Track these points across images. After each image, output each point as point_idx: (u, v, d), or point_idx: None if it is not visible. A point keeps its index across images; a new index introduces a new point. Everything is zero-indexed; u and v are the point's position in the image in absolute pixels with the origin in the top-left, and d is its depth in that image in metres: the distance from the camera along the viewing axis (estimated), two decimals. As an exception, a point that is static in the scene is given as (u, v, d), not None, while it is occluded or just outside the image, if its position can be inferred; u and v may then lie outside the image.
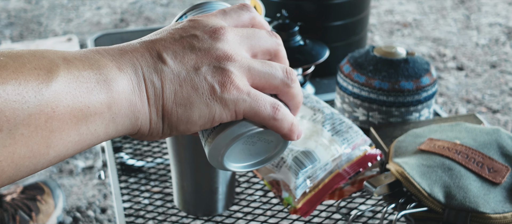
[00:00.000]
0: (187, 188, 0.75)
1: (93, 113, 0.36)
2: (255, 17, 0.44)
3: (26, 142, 0.33)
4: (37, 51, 0.35)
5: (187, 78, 0.38)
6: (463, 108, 1.99)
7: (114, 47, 0.39)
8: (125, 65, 0.38)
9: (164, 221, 0.77)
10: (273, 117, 0.40)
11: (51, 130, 0.34)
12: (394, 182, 0.71)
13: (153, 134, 0.40)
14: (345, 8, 1.10)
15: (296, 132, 0.42)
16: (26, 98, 0.33)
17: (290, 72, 0.41)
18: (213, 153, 0.41)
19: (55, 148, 0.35)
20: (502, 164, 0.71)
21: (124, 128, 0.38)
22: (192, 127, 0.39)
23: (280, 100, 0.42)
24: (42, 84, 0.33)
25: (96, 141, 0.37)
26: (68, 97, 0.34)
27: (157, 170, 0.90)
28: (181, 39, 0.40)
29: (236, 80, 0.39)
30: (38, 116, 0.33)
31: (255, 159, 0.44)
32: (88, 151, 1.75)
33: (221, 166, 0.43)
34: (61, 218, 1.46)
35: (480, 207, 0.66)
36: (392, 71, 0.86)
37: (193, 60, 0.39)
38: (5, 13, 2.86)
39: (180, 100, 0.38)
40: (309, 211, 0.73)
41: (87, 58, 0.37)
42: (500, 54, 2.36)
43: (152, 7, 2.94)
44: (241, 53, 0.40)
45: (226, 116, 0.39)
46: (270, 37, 0.43)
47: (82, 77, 0.35)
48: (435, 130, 0.80)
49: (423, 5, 2.88)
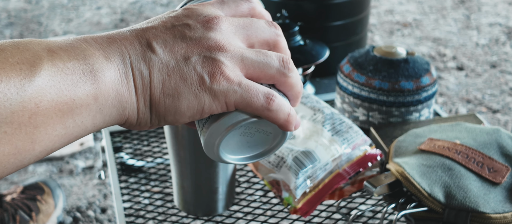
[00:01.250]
0: (187, 188, 0.74)
1: (79, 105, 0.35)
2: (254, 8, 0.43)
3: (10, 139, 0.32)
4: (21, 42, 0.34)
5: (176, 68, 0.37)
6: (463, 108, 1.99)
7: (102, 35, 0.38)
8: (113, 54, 0.37)
9: (164, 221, 0.77)
10: (267, 107, 0.38)
11: (35, 125, 0.33)
12: (394, 182, 0.71)
13: (142, 124, 0.39)
14: (345, 8, 1.10)
15: (293, 123, 0.40)
16: (8, 95, 0.32)
17: (286, 61, 0.40)
18: (208, 143, 0.41)
19: (41, 144, 0.34)
20: (502, 164, 0.71)
21: (112, 118, 0.37)
22: (180, 118, 0.39)
23: (279, 90, 0.41)
24: (24, 79, 0.32)
25: (83, 133, 0.37)
26: (52, 91, 0.33)
27: (157, 170, 0.90)
28: (172, 28, 0.39)
29: (226, 70, 0.38)
30: (21, 113, 0.32)
31: (254, 151, 0.43)
32: (88, 151, 1.75)
33: (217, 158, 0.42)
34: (61, 218, 1.46)
35: (480, 207, 0.66)
36: (392, 71, 0.86)
37: (183, 49, 0.38)
38: (5, 13, 2.86)
39: (168, 90, 0.38)
40: (309, 211, 0.73)
41: (73, 48, 0.36)
42: (500, 54, 2.36)
43: (152, 7, 2.94)
44: (235, 43, 0.39)
45: (216, 107, 0.38)
46: (268, 27, 0.41)
47: (67, 68, 0.34)
48: (435, 130, 0.80)
49: (423, 5, 2.88)
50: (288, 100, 0.41)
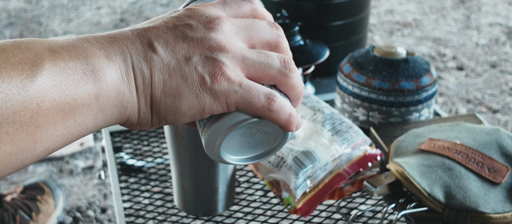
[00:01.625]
0: (187, 188, 0.75)
1: (81, 105, 0.35)
2: (256, 9, 0.43)
3: (12, 139, 0.32)
4: (22, 42, 0.34)
5: (177, 68, 0.37)
6: (463, 108, 1.99)
7: (104, 35, 0.38)
8: (114, 54, 0.37)
9: (164, 221, 0.77)
10: (268, 108, 0.39)
11: (37, 125, 0.33)
12: (394, 182, 0.71)
13: (142, 124, 0.39)
14: (345, 8, 1.10)
15: (294, 123, 0.40)
16: (10, 95, 0.32)
17: (288, 61, 0.40)
18: (209, 143, 0.41)
19: (43, 143, 0.34)
20: (502, 164, 0.71)
21: (113, 118, 0.37)
22: (181, 118, 0.39)
23: (280, 91, 0.41)
24: (26, 79, 0.33)
25: (85, 132, 0.37)
26: (54, 91, 0.34)
27: (157, 170, 0.90)
28: (174, 28, 0.39)
29: (227, 71, 0.38)
30: (23, 113, 0.32)
31: (255, 152, 0.43)
32: (88, 151, 1.75)
33: (218, 158, 0.42)
34: (61, 218, 1.46)
35: (480, 207, 0.66)
36: (392, 71, 0.86)
37: (184, 49, 0.38)
38: (5, 13, 2.86)
39: (169, 90, 0.38)
40: (309, 211, 0.73)
41: (74, 47, 0.36)
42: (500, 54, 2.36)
43: (152, 7, 2.94)
44: (236, 44, 0.39)
45: (217, 107, 0.38)
46: (270, 28, 0.41)
47: (68, 68, 0.34)
48: (435, 130, 0.80)
49: (423, 5, 2.88)
50: (289, 101, 0.41)
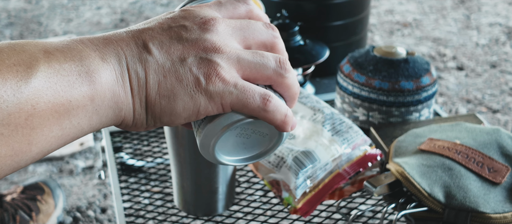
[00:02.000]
0: (187, 188, 0.75)
1: (76, 106, 0.35)
2: (252, 10, 0.43)
3: (7, 141, 0.32)
4: (17, 43, 0.34)
5: (171, 69, 0.37)
6: (463, 108, 1.99)
7: (99, 36, 0.38)
8: (109, 55, 0.37)
9: (164, 221, 0.77)
10: (263, 108, 0.39)
11: (32, 127, 0.33)
12: (394, 182, 0.71)
13: (137, 125, 0.39)
14: (345, 8, 1.10)
15: (289, 124, 0.40)
16: (5, 97, 0.32)
17: (283, 61, 0.40)
18: (203, 144, 0.40)
19: (38, 145, 0.34)
20: (502, 164, 0.71)
21: (108, 119, 0.38)
22: (176, 119, 0.39)
23: (276, 91, 0.41)
24: (21, 81, 0.33)
25: (80, 134, 0.37)
26: (49, 92, 0.34)
27: (157, 170, 0.90)
28: (169, 29, 0.39)
29: (222, 72, 0.38)
30: (18, 115, 0.32)
31: (250, 153, 0.43)
32: (88, 151, 1.75)
33: (213, 159, 0.42)
34: (61, 218, 1.46)
35: (480, 207, 0.66)
36: (392, 71, 0.86)
37: (179, 51, 0.38)
38: (5, 13, 2.86)
39: (163, 91, 0.38)
40: (309, 211, 0.73)
41: (69, 49, 0.36)
42: (500, 54, 2.36)
43: (152, 7, 2.94)
44: (231, 45, 0.39)
45: (212, 108, 0.38)
46: (266, 29, 0.41)
47: (63, 70, 0.34)
48: (435, 130, 0.80)
49: (423, 5, 2.88)
50: (284, 101, 0.41)
